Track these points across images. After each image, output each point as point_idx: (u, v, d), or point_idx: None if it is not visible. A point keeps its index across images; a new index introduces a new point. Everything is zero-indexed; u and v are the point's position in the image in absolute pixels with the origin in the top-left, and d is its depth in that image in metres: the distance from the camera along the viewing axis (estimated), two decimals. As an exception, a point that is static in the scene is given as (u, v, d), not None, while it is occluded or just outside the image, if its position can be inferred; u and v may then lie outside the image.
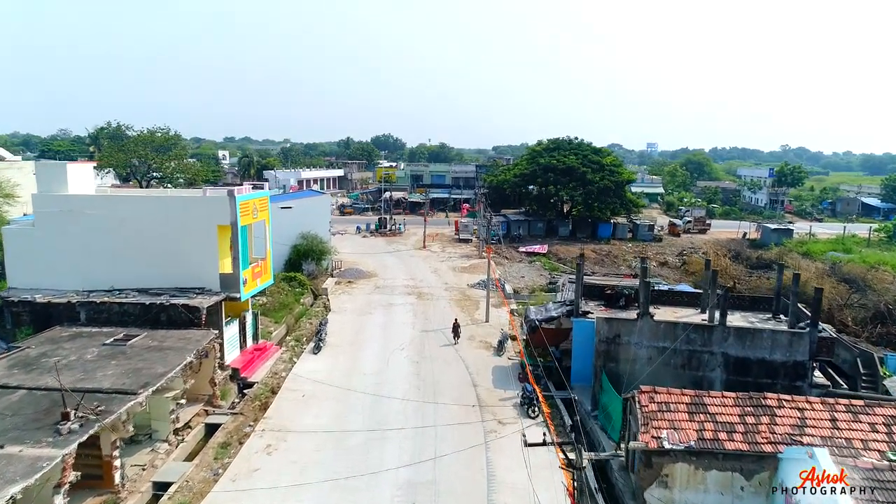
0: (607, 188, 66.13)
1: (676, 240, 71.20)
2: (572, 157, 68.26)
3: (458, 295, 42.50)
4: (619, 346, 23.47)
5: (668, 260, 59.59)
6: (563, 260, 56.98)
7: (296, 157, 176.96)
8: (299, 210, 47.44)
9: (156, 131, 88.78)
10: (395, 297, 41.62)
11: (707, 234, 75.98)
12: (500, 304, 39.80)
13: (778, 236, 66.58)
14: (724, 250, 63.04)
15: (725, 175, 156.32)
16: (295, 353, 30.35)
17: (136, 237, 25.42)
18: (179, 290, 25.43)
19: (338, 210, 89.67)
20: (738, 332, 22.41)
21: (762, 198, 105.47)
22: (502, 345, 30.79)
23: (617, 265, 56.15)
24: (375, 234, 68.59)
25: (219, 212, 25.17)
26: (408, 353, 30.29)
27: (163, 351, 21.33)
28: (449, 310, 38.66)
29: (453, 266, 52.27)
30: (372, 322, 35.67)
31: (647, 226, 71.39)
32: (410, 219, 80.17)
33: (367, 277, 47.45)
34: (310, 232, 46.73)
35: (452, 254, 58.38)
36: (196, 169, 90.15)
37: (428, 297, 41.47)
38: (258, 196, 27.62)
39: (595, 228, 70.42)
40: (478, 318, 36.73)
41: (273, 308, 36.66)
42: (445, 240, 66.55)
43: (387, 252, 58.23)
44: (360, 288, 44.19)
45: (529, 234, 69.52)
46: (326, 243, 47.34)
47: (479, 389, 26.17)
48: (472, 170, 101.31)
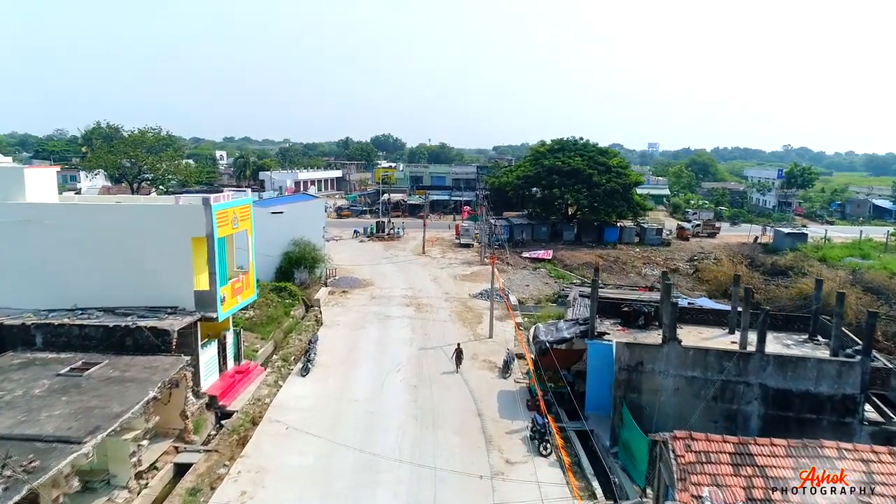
0: (614, 191, 63.48)
1: (685, 244, 68.55)
2: (577, 158, 65.61)
3: (460, 306, 39.85)
4: (642, 375, 20.81)
5: (679, 266, 56.87)
6: (569, 266, 54.31)
7: (294, 158, 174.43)
8: (291, 215, 44.91)
9: (147, 131, 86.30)
10: (391, 308, 38.98)
11: (717, 238, 73.32)
12: (505, 317, 37.17)
13: (792, 241, 63.88)
14: (738, 256, 60.41)
15: (730, 176, 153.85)
16: (281, 376, 27.71)
17: (103, 250, 22.80)
18: (150, 310, 22.78)
19: (334, 212, 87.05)
20: (778, 360, 19.74)
21: (770, 200, 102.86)
22: (508, 366, 28.14)
23: (626, 272, 53.50)
24: (373, 238, 65.93)
25: (192, 222, 22.53)
26: (404, 376, 27.63)
27: (124, 384, 18.67)
28: (449, 323, 36.05)
29: (454, 274, 49.63)
30: (366, 338, 33.02)
31: (654, 229, 68.72)
32: (409, 222, 77.53)
33: (363, 287, 44.80)
34: (302, 238, 44.14)
35: (453, 260, 55.74)
36: (188, 170, 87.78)
37: (427, 309, 38.81)
38: (238, 204, 24.96)
39: (601, 232, 67.75)
40: (481, 334, 34.07)
41: (260, 322, 34.04)
42: (446, 244, 63.89)
43: (384, 258, 55.59)
44: (354, 299, 41.53)
45: (533, 239, 66.86)
46: (319, 250, 44.74)
47: (484, 420, 23.50)
48: (472, 171, 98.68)
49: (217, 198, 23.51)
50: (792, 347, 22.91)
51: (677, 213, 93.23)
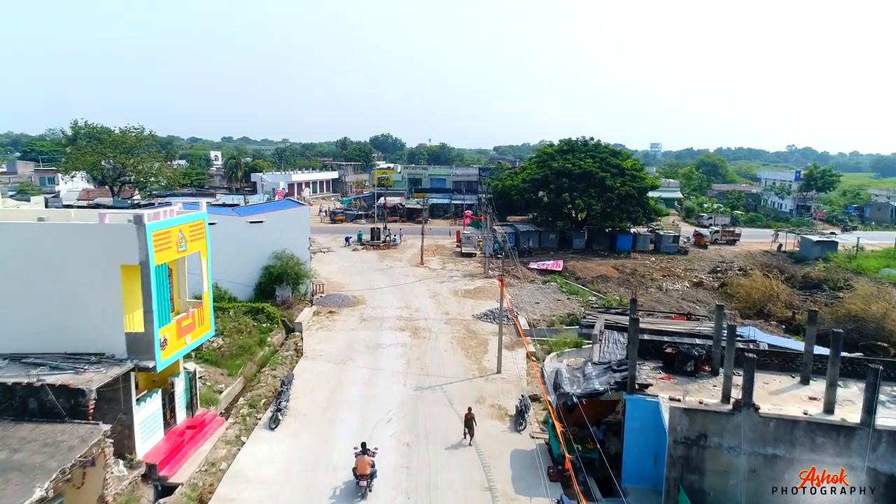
0: (629, 195, 58.50)
1: (704, 252, 63.55)
2: (589, 160, 60.62)
3: (462, 330, 34.85)
4: (706, 451, 15.83)
5: (703, 279, 51.82)
6: (582, 280, 49.27)
7: (291, 158, 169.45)
8: (273, 224, 39.86)
9: (129, 131, 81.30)
10: (384, 333, 34.01)
11: (736, 245, 68.35)
12: (515, 344, 32.21)
13: (821, 249, 58.89)
14: (765, 267, 55.39)
15: (740, 178, 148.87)
16: (246, 427, 22.69)
17: (9, 281, 17.85)
18: (69, 358, 17.80)
19: (328, 217, 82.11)
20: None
21: (787, 203, 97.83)
22: (522, 415, 23.13)
23: (645, 286, 48.46)
24: (367, 246, 60.91)
25: (121, 246, 17.54)
26: (396, 429, 22.62)
27: (5, 474, 13.68)
28: (450, 353, 31.07)
29: (455, 289, 44.63)
30: (353, 374, 28.01)
31: (671, 237, 63.77)
32: (407, 228, 72.56)
33: (353, 305, 39.78)
34: (285, 251, 39.16)
35: (454, 272, 50.74)
36: (171, 172, 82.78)
37: (425, 335, 33.82)
38: (187, 221, 19.95)
39: (613, 240, 62.80)
40: (487, 368, 29.08)
41: (229, 353, 29.04)
42: (446, 254, 58.90)
43: (378, 270, 50.59)
44: (342, 321, 36.53)
45: (540, 247, 61.88)
46: (304, 265, 39.73)
47: (496, 497, 18.47)
48: (474, 173, 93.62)
49: (155, 214, 18.49)
50: (890, 406, 17.89)
51: (690, 218, 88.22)
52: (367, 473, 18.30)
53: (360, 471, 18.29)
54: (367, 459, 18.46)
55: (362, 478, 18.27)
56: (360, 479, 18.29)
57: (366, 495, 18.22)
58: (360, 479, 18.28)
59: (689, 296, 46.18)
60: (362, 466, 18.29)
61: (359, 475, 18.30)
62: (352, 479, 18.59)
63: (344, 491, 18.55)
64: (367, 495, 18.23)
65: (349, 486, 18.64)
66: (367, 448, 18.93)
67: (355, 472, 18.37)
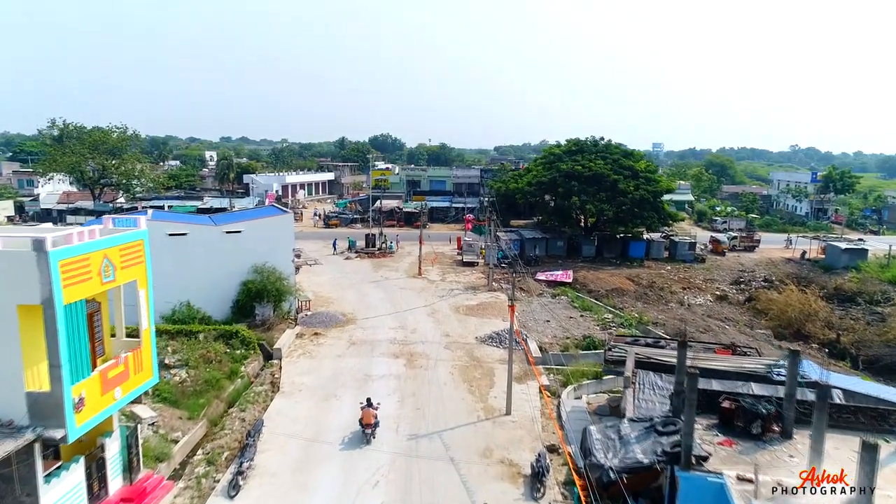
0: (643, 199, 54.21)
1: (722, 260, 59.31)
2: (599, 161, 56.33)
3: (464, 357, 30.57)
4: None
5: (727, 293, 47.52)
6: (595, 293, 44.97)
7: (288, 159, 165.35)
8: (252, 234, 35.71)
9: (112, 130, 77.04)
10: (375, 361, 29.73)
11: (755, 252, 64.10)
12: (526, 374, 27.95)
13: (850, 258, 54.60)
14: (789, 276, 51.16)
15: (749, 179, 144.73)
16: (200, 495, 18.41)
17: None
18: (-49, 425, 13.54)
19: (321, 221, 77.83)
20: None
21: (803, 206, 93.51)
22: (540, 478, 18.77)
23: (664, 300, 44.20)
24: (361, 255, 56.60)
25: (16, 281, 13.28)
26: (384, 499, 18.31)
27: None
28: (451, 387, 26.79)
29: (456, 305, 40.33)
30: (336, 417, 23.69)
31: (687, 243, 59.53)
32: (405, 233, 68.37)
33: (342, 325, 35.50)
34: (265, 264, 34.93)
35: (455, 284, 46.45)
36: (154, 174, 78.53)
37: (421, 363, 29.53)
38: (117, 243, 15.63)
39: (625, 247, 58.55)
40: (494, 407, 24.78)
41: (193, 390, 24.77)
42: (446, 262, 54.63)
43: (372, 282, 46.29)
44: (329, 344, 32.25)
45: (547, 255, 57.62)
46: (287, 280, 35.45)
47: None
48: (476, 174, 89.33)
49: (66, 238, 14.17)
50: None
51: (703, 222, 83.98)
52: (371, 423, 21.52)
53: (365, 421, 21.53)
54: (371, 411, 21.74)
55: (367, 427, 21.42)
56: (364, 427, 21.45)
57: (370, 441, 21.32)
58: (365, 428, 21.43)
59: (714, 312, 41.90)
60: (367, 417, 21.58)
61: (364, 424, 21.49)
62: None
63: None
64: (371, 441, 21.33)
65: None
66: (371, 402, 22.21)
67: (361, 423, 21.60)
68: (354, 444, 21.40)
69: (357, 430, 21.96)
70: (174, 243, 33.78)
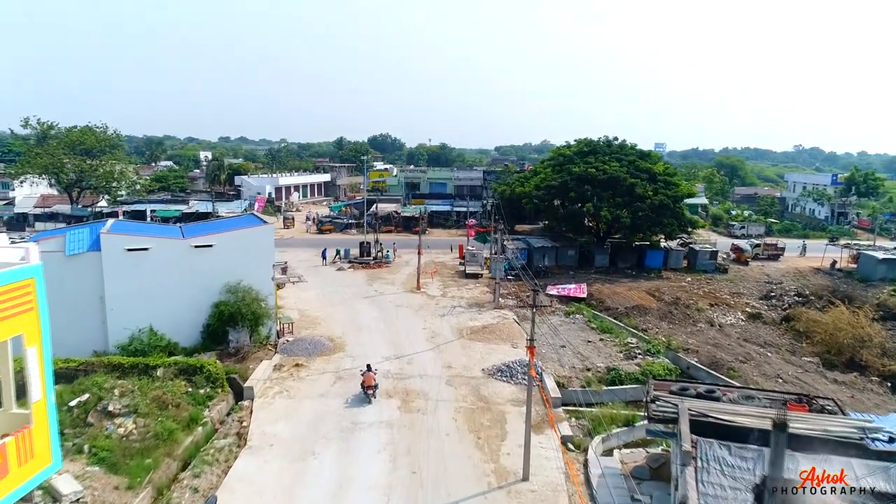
0: (663, 205, 49.63)
1: (745, 270, 54.70)
2: (615, 163, 51.76)
3: (470, 396, 25.98)
4: None
5: (760, 309, 42.84)
6: (613, 311, 40.39)
7: (284, 159, 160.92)
8: (225, 248, 31.23)
9: (92, 129, 72.47)
10: (364, 407, 25.11)
11: (780, 260, 59.52)
12: (543, 422, 23.36)
13: (888, 268, 49.98)
14: (823, 290, 46.60)
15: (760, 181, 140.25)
16: None
17: None
18: None
19: (314, 226, 73.29)
20: None
21: (822, 209, 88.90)
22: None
23: (692, 320, 39.55)
24: (355, 265, 52.01)
25: None
26: None
27: None
28: (454, 439, 22.21)
29: (459, 326, 35.75)
30: (312, 487, 19.12)
31: (708, 252, 54.93)
32: (403, 239, 63.80)
33: (328, 354, 30.93)
34: (240, 282, 30.45)
35: (457, 300, 41.89)
36: (134, 176, 73.96)
37: (419, 405, 24.91)
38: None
39: (641, 256, 53.99)
40: (508, 469, 20.19)
41: (141, 447, 20.23)
42: (447, 273, 50.12)
43: (366, 298, 41.70)
44: (311, 379, 27.67)
45: (557, 265, 53.07)
46: (265, 301, 30.91)
47: None
48: (478, 176, 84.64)
49: None
50: None
51: (718, 227, 79.35)
52: (371, 385, 24.63)
53: (366, 384, 24.60)
54: (371, 375, 24.89)
55: (368, 388, 24.55)
56: (366, 389, 24.54)
57: (371, 401, 24.34)
58: (367, 390, 24.53)
59: (750, 334, 37.33)
60: (368, 380, 24.70)
61: (366, 387, 24.56)
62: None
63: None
64: (372, 401, 24.36)
65: None
66: (371, 367, 25.43)
67: (363, 385, 24.65)
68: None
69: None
70: (135, 260, 29.41)
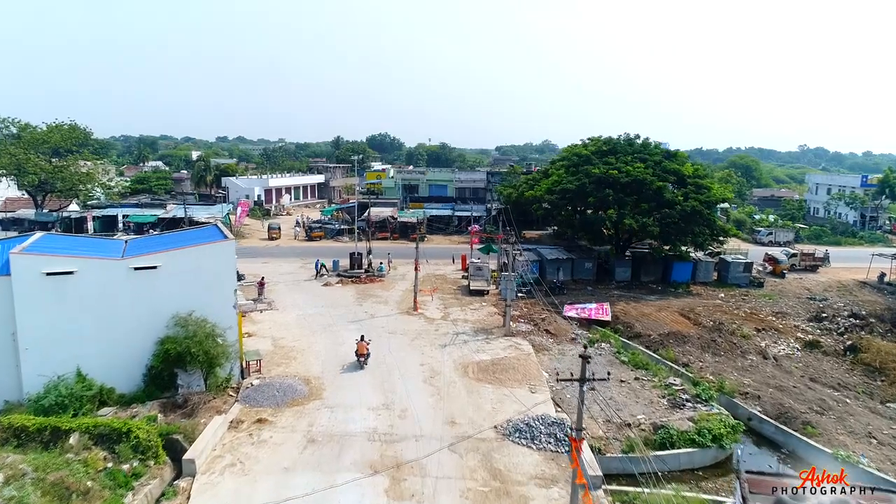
0: (695, 212, 43.48)
1: (783, 283, 48.67)
2: (639, 165, 45.64)
3: (480, 470, 19.80)
4: None
5: (814, 335, 36.57)
6: (644, 337, 34.30)
7: (279, 159, 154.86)
8: (173, 269, 25.14)
9: (59, 126, 66.21)
10: (340, 480, 18.92)
11: (819, 272, 53.42)
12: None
13: (948, 283, 44.01)
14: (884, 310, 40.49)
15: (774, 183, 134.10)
16: None
17: None
18: None
19: (304, 232, 67.17)
20: None
21: (849, 214, 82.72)
22: None
23: (739, 351, 33.31)
24: (343, 279, 45.87)
25: None
26: None
27: None
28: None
29: (464, 361, 29.55)
30: None
31: (741, 264, 48.87)
32: (399, 247, 57.74)
33: (301, 402, 24.75)
34: (192, 313, 24.36)
35: (461, 323, 35.76)
36: (105, 178, 67.73)
37: (413, 488, 18.72)
38: None
39: (666, 269, 47.91)
40: None
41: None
42: (448, 289, 43.97)
43: (354, 322, 35.49)
44: (274, 444, 21.47)
45: (573, 279, 46.96)
46: (224, 335, 24.76)
47: None
48: (481, 178, 78.55)
49: None
50: None
51: (742, 232, 73.12)
52: (364, 353, 27.93)
53: (359, 352, 27.90)
54: (364, 344, 28.15)
55: (361, 356, 27.84)
56: (359, 357, 27.86)
57: (363, 367, 27.69)
58: (360, 358, 27.85)
59: (814, 370, 31.13)
60: (361, 349, 27.95)
61: (359, 355, 27.86)
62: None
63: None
64: (363, 367, 27.67)
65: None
66: (364, 337, 28.76)
67: (357, 353, 27.92)
68: None
69: None
70: (56, 286, 23.35)
